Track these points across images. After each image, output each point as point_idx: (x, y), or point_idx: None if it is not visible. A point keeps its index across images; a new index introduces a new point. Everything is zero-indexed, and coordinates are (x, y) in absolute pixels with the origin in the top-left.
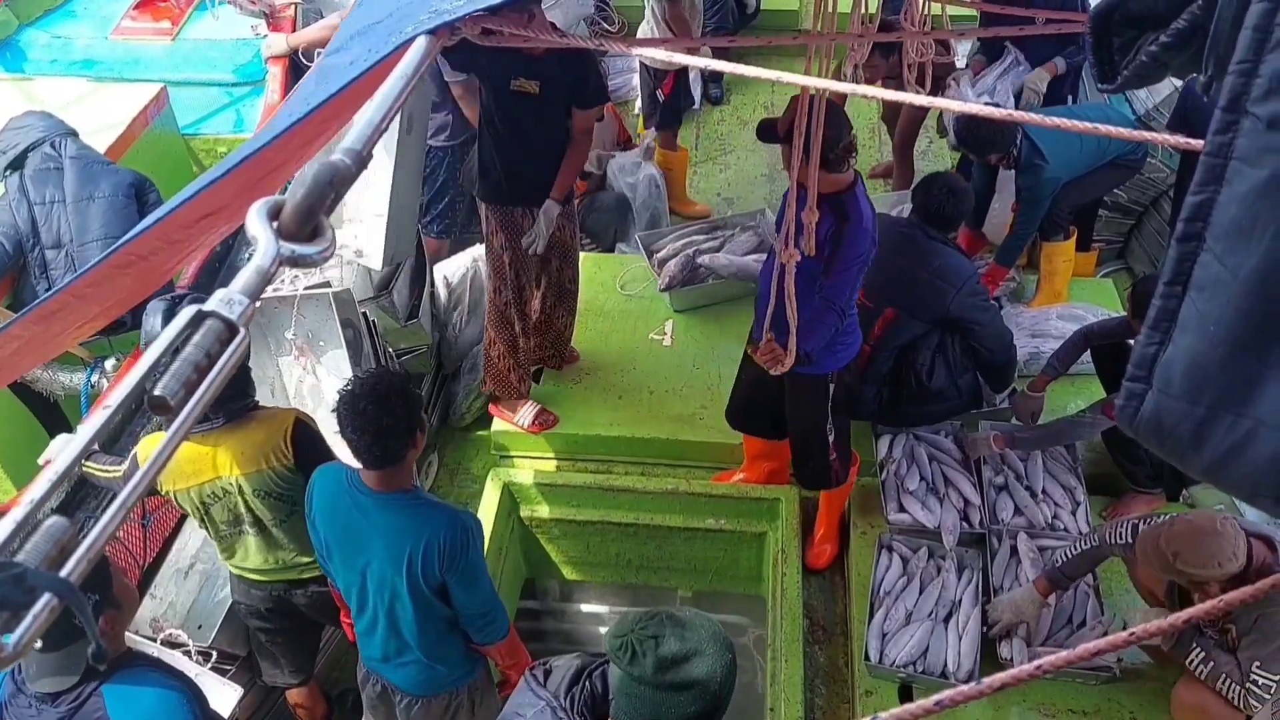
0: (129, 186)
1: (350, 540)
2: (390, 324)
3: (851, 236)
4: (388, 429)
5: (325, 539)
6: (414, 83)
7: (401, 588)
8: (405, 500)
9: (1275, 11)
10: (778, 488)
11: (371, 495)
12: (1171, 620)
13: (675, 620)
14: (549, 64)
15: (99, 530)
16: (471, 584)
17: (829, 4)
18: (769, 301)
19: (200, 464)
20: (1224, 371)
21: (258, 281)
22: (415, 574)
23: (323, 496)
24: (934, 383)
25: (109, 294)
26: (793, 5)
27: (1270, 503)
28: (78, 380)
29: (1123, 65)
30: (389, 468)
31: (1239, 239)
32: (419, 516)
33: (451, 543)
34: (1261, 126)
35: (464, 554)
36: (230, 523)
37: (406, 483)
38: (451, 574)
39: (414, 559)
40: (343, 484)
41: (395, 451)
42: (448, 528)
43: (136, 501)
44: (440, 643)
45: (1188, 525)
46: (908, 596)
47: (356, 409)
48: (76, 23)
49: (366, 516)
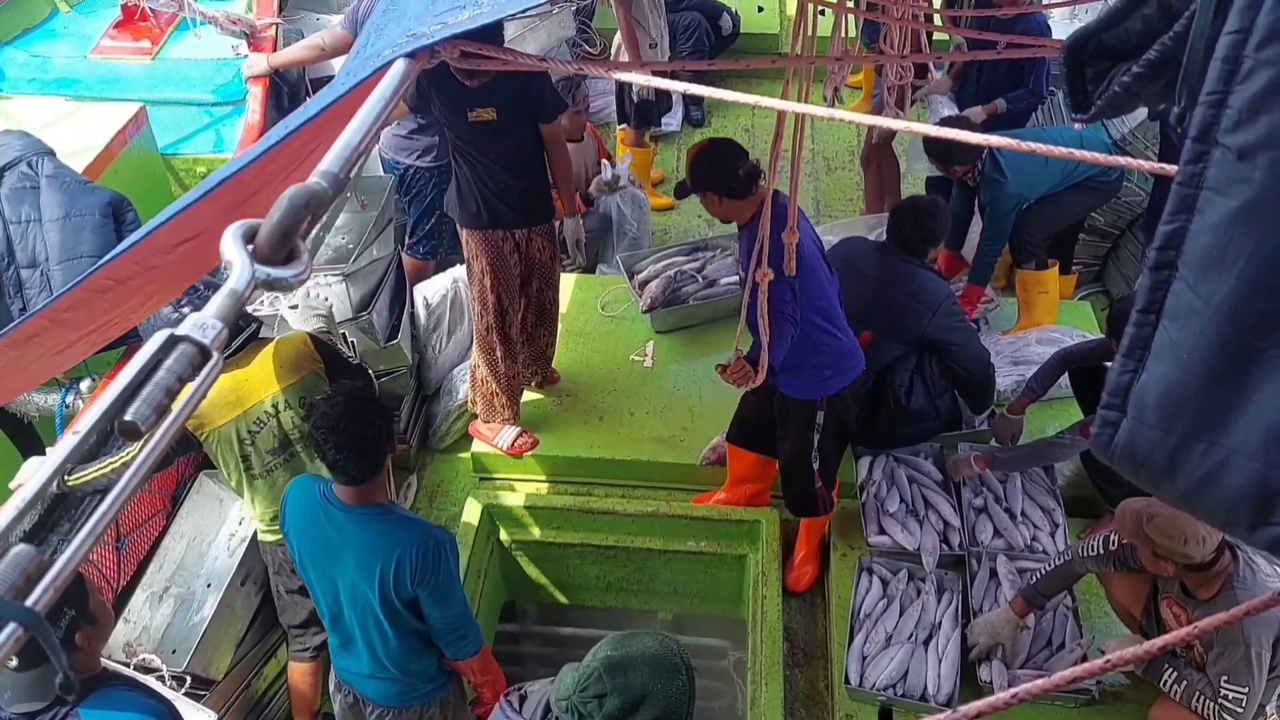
0: (106, 206)
1: (324, 553)
2: (370, 345)
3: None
4: (372, 441)
5: (299, 551)
6: (393, 105)
7: (374, 602)
8: (378, 514)
9: (1244, 43)
10: (758, 510)
11: (345, 509)
12: (1147, 647)
13: (614, 669)
14: (499, 88)
15: (66, 558)
16: (444, 600)
17: (808, 28)
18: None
19: (240, 392)
20: (1197, 400)
21: (232, 305)
22: (387, 588)
23: (296, 509)
24: (912, 404)
25: (88, 319)
26: (773, 29)
27: (1244, 530)
28: (52, 401)
29: (1096, 95)
30: (367, 482)
31: (1211, 268)
32: (392, 531)
33: (424, 558)
34: (1232, 157)
35: (436, 569)
36: (277, 450)
37: (380, 497)
38: (423, 589)
39: (385, 573)
40: (316, 497)
41: (375, 465)
42: (420, 542)
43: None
44: (413, 657)
45: None
46: (888, 619)
47: (336, 429)
48: (56, 42)
49: (340, 530)
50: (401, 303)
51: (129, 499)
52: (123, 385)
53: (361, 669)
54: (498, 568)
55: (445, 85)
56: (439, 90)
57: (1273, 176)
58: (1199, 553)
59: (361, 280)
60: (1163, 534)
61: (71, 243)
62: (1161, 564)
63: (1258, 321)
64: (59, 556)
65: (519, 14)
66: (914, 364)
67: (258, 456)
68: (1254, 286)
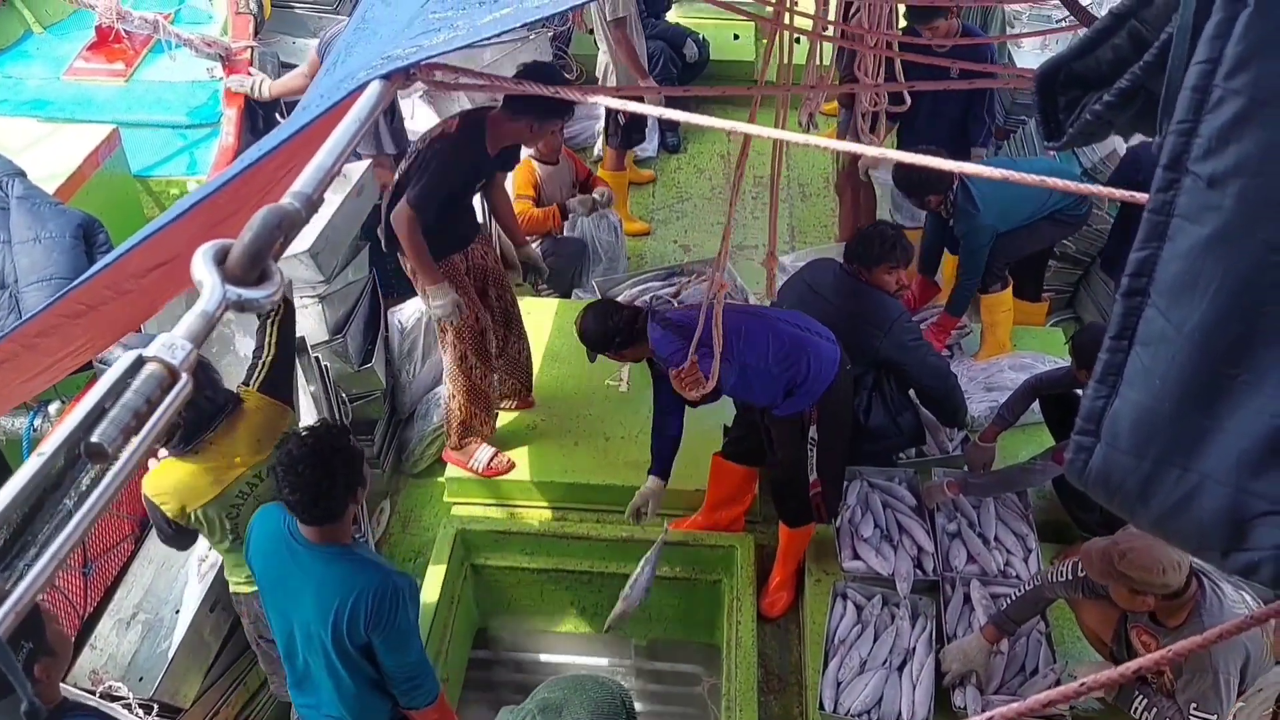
0: (77, 228)
1: (282, 587)
2: (343, 368)
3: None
4: (326, 491)
5: (260, 578)
6: (367, 127)
7: (327, 642)
8: (340, 555)
9: (1213, 73)
10: (733, 535)
11: (307, 545)
12: (1121, 670)
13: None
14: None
15: (28, 583)
16: (398, 648)
17: (783, 55)
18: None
19: (219, 472)
20: (1170, 425)
21: (202, 326)
22: (340, 631)
23: (260, 538)
24: (871, 422)
25: (60, 344)
26: (748, 56)
27: (1216, 556)
28: (19, 425)
29: (1068, 123)
30: (327, 525)
31: (1183, 295)
32: (351, 574)
33: (379, 603)
34: (1202, 184)
35: (392, 616)
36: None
37: (344, 537)
38: (377, 635)
39: (340, 616)
40: (280, 528)
41: (334, 510)
42: (378, 588)
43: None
44: (365, 702)
45: (1141, 531)
46: (862, 645)
47: (294, 470)
48: (29, 63)
49: (300, 566)
50: (376, 326)
51: (93, 523)
52: (89, 406)
53: (317, 706)
54: (471, 593)
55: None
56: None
57: (1242, 204)
58: (1176, 579)
59: (337, 303)
60: (1138, 568)
61: (41, 264)
62: (1140, 599)
63: (1229, 348)
64: (20, 582)
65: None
66: (871, 383)
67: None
68: (1225, 313)
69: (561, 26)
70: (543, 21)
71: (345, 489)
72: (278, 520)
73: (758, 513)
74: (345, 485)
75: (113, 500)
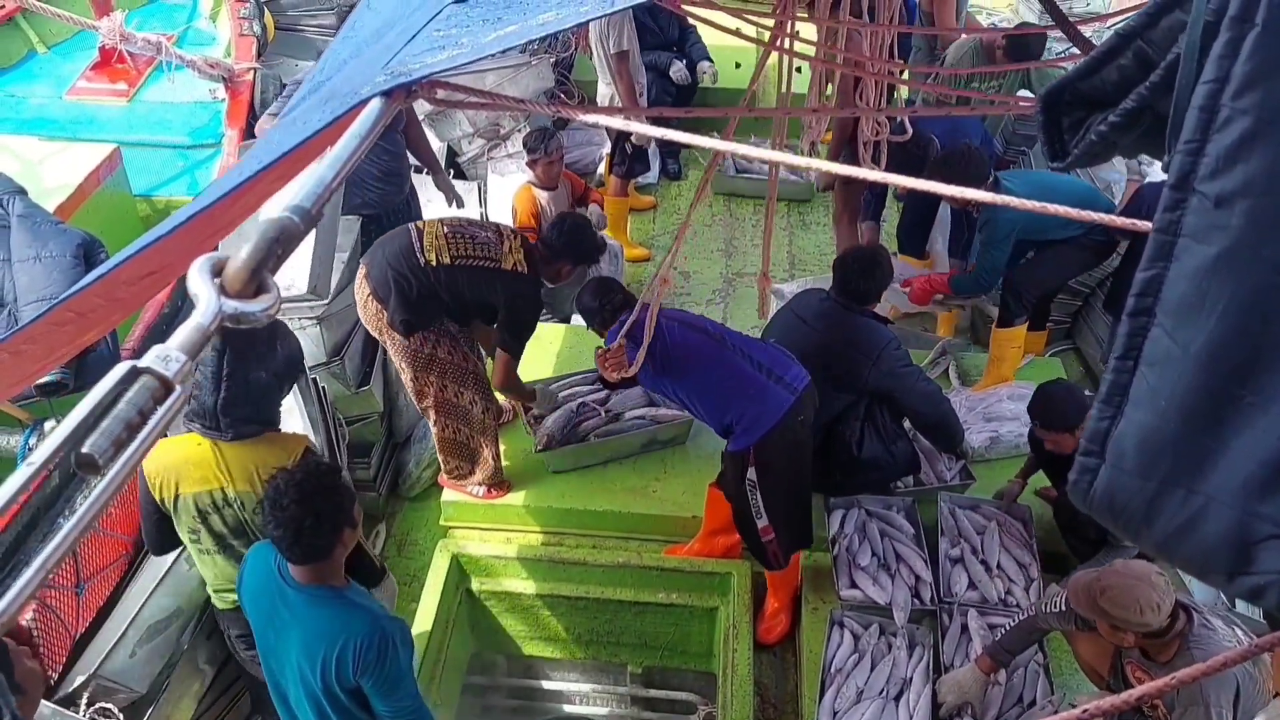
0: (78, 247)
1: (272, 628)
2: (341, 391)
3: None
4: (310, 529)
5: (251, 619)
6: (368, 144)
7: (316, 687)
8: (328, 597)
9: (1220, 92)
10: (730, 562)
11: (296, 587)
12: (1125, 697)
13: None
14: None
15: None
16: (389, 693)
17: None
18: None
19: (208, 471)
20: (1175, 446)
21: (197, 339)
22: (329, 676)
23: (252, 577)
24: (865, 453)
25: (45, 351)
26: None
27: (1222, 579)
28: (15, 443)
29: (1072, 144)
30: (312, 564)
31: (1188, 315)
32: (340, 618)
33: (368, 650)
34: (1209, 204)
35: (381, 662)
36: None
37: (334, 579)
38: (366, 680)
39: (328, 661)
40: (271, 568)
41: (318, 550)
42: (368, 634)
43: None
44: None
45: (1125, 568)
46: (859, 674)
47: (279, 505)
48: (32, 82)
49: (289, 607)
50: (373, 349)
51: (84, 533)
52: (80, 417)
53: None
54: (466, 618)
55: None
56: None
57: (1249, 224)
58: (1155, 620)
59: (335, 325)
60: (1117, 605)
61: (41, 283)
62: (1120, 635)
63: (1235, 369)
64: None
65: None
66: (863, 412)
67: (208, 536)
68: (1231, 334)
69: (564, 53)
70: (546, 45)
71: (331, 529)
72: (268, 560)
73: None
74: (331, 525)
75: (103, 510)
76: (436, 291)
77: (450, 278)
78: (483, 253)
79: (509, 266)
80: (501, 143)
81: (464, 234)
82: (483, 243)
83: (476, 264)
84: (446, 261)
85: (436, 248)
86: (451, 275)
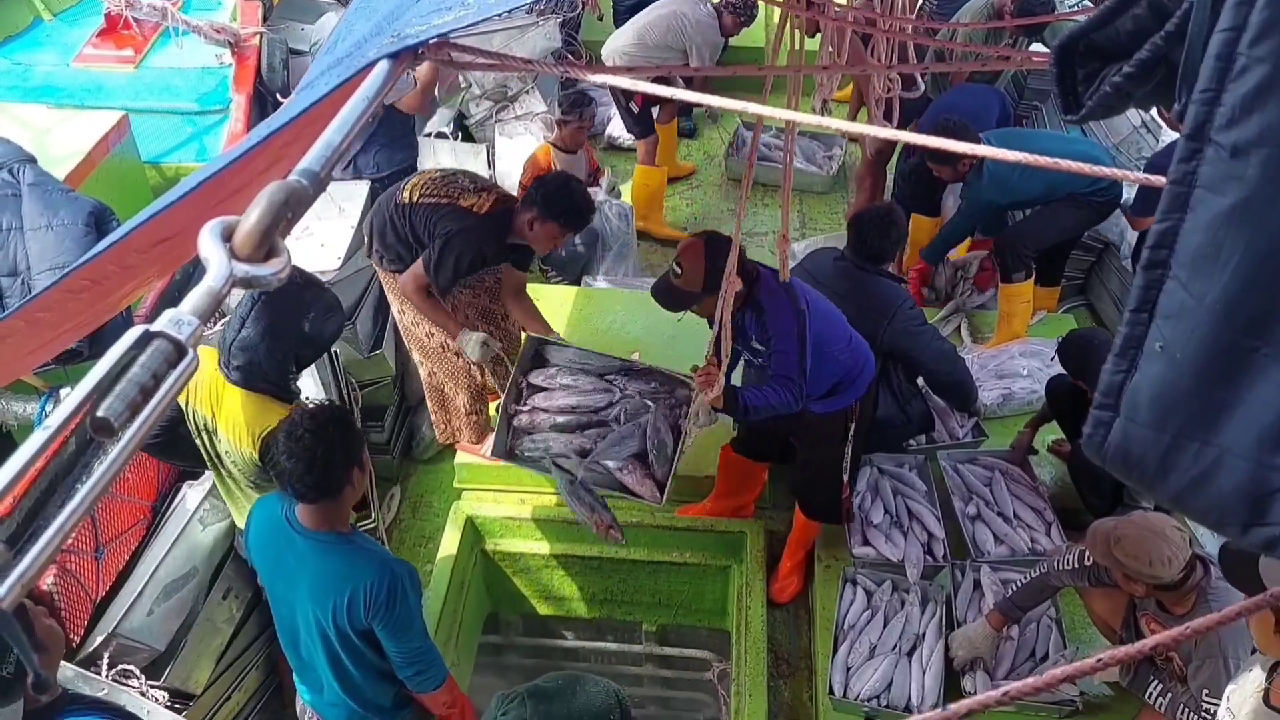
0: (89, 215)
1: (281, 575)
2: (353, 355)
3: (772, 320)
4: (323, 459)
5: (260, 569)
6: (375, 106)
7: (330, 632)
8: (336, 543)
9: (1237, 40)
10: (742, 521)
11: (304, 533)
12: (1139, 646)
13: (539, 696)
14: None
15: (34, 554)
16: (401, 634)
17: (795, 40)
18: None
19: (205, 392)
20: (1190, 399)
21: (209, 303)
22: (341, 620)
23: (259, 526)
24: (880, 412)
25: (61, 319)
26: (759, 42)
27: (1237, 531)
28: (31, 410)
29: (1086, 96)
30: (323, 501)
31: (1204, 266)
32: (348, 562)
33: (378, 593)
34: (1225, 154)
35: (391, 604)
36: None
37: (340, 524)
38: (378, 623)
39: (339, 606)
40: (279, 516)
41: (330, 484)
42: (376, 576)
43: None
44: (370, 688)
45: (1143, 519)
46: (872, 630)
47: (294, 436)
48: (38, 50)
49: (297, 554)
50: (385, 313)
51: (100, 496)
52: (95, 381)
53: (320, 695)
54: (481, 579)
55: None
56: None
57: (1266, 174)
58: (1166, 574)
59: (346, 289)
60: (1129, 555)
61: (53, 252)
62: (1132, 584)
63: (1250, 321)
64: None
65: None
66: (878, 372)
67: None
68: (1247, 285)
69: (571, 13)
70: (553, 5)
71: (343, 462)
72: (276, 509)
73: (767, 499)
74: (343, 458)
75: (120, 473)
76: (406, 230)
77: (412, 214)
78: (446, 192)
79: (464, 204)
80: (509, 105)
81: (446, 178)
82: (455, 186)
83: (435, 200)
84: (416, 199)
85: (412, 186)
86: (414, 211)
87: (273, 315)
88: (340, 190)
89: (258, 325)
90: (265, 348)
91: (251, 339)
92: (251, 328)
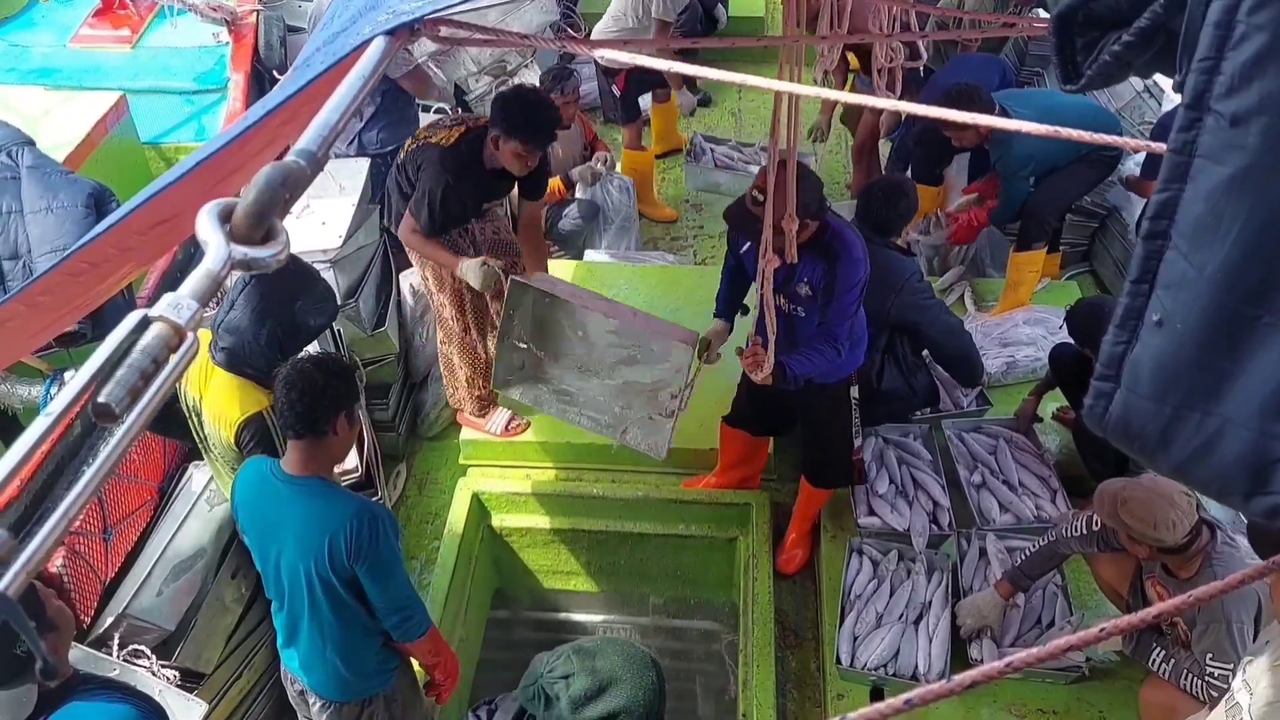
0: (89, 197)
1: (264, 527)
2: (356, 333)
3: (844, 269)
4: (319, 390)
5: (245, 528)
6: (371, 84)
7: (313, 578)
8: (319, 488)
9: (1236, 8)
10: (748, 493)
11: (288, 481)
12: (1143, 615)
13: (584, 653)
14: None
15: (40, 539)
16: (384, 577)
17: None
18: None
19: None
20: (1191, 369)
21: (208, 285)
22: (324, 564)
23: (244, 485)
24: (885, 384)
25: (61, 301)
26: (758, 12)
27: (1239, 500)
28: (36, 393)
29: (1086, 65)
30: (309, 438)
31: (1204, 236)
32: (329, 505)
33: (359, 532)
34: (1225, 123)
35: (374, 543)
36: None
37: (324, 470)
38: (361, 565)
39: (322, 548)
40: (264, 471)
41: (319, 417)
42: (357, 516)
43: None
44: (352, 644)
45: (1151, 483)
46: (878, 599)
47: (295, 366)
48: (35, 31)
49: (280, 503)
50: (388, 290)
51: (104, 481)
52: (95, 367)
53: (303, 657)
54: (488, 554)
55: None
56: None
57: (1266, 143)
58: (1170, 537)
59: (349, 267)
60: (1134, 517)
61: (54, 234)
62: (1137, 546)
63: (1251, 290)
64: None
65: None
66: (883, 344)
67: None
68: (1247, 255)
69: None
70: None
71: (336, 397)
72: (260, 468)
73: (773, 470)
74: (333, 399)
75: (123, 457)
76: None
77: (407, 168)
78: (425, 136)
79: (434, 141)
80: (508, 79)
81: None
82: (435, 128)
83: (416, 146)
84: (415, 147)
85: (408, 144)
86: (407, 164)
87: (263, 299)
88: (341, 168)
89: (247, 307)
90: (252, 331)
91: (240, 321)
92: (241, 309)
